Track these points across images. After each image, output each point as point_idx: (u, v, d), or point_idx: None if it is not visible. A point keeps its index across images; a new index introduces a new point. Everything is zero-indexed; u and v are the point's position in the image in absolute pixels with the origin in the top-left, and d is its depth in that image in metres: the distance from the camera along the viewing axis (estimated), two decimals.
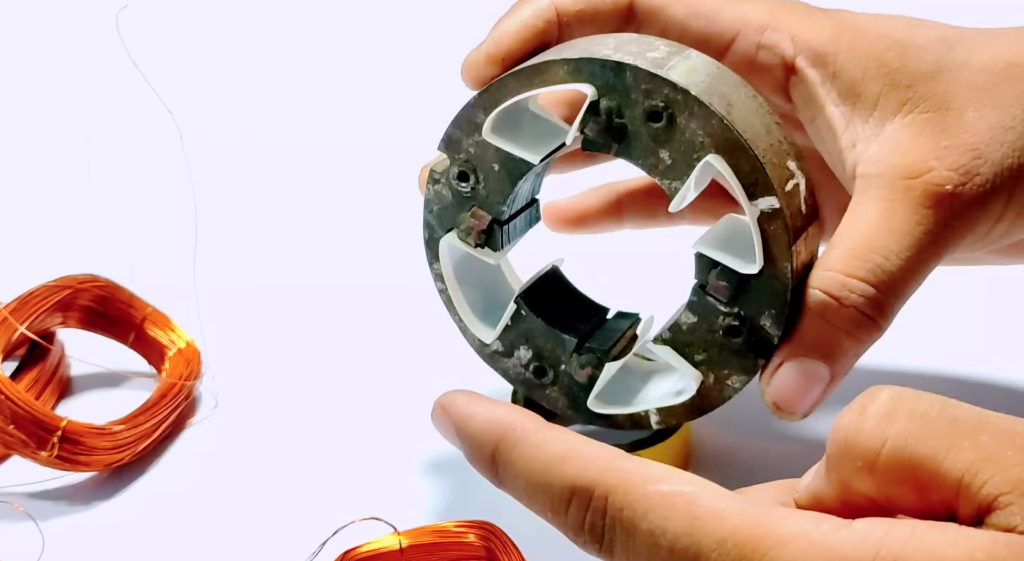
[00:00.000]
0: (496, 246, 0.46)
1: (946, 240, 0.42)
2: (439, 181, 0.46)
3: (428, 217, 0.47)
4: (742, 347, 0.43)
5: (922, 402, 0.31)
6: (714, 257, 0.42)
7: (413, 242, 0.51)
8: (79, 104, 0.84)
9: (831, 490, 0.32)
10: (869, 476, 0.31)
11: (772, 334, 0.43)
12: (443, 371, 0.51)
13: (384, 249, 0.66)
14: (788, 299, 0.42)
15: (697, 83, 0.41)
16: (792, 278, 0.41)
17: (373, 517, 0.45)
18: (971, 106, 0.43)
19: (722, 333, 0.43)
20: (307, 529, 0.47)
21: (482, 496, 0.49)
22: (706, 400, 0.45)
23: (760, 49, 0.45)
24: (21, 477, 0.51)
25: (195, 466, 0.52)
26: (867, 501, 0.32)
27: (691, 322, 0.44)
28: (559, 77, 0.42)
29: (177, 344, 0.56)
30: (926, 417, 0.31)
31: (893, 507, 0.31)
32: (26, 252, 0.67)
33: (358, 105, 0.82)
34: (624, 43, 0.43)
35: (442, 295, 0.47)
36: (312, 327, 0.61)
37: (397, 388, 0.56)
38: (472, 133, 0.44)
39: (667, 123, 0.41)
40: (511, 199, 0.45)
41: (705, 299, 0.43)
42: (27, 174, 0.73)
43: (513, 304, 0.46)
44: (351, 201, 0.72)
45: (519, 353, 0.47)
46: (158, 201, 0.71)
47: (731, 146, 0.40)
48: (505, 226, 0.46)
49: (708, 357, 0.44)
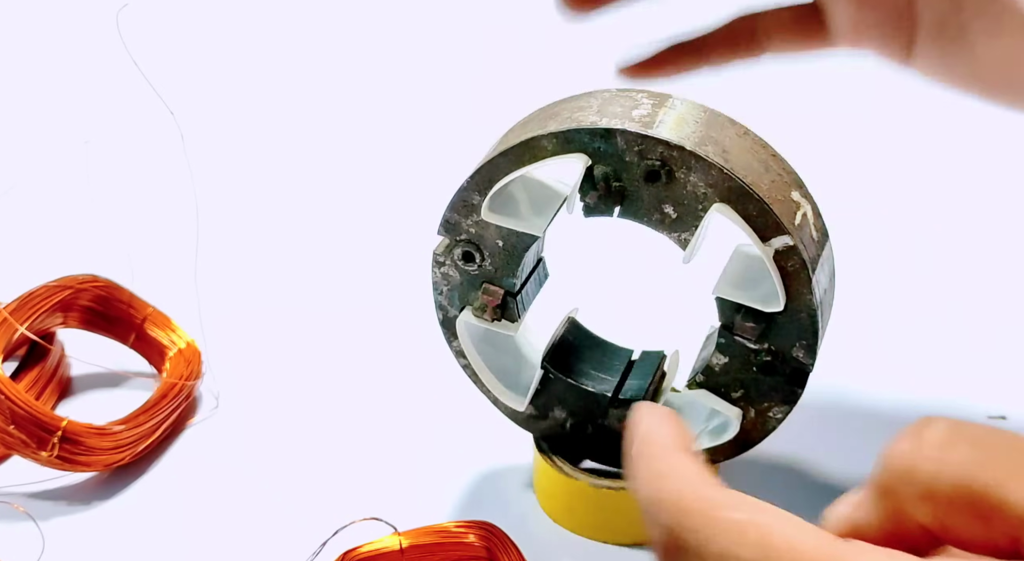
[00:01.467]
0: (513, 317, 0.45)
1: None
2: (444, 263, 0.45)
3: (439, 299, 0.46)
4: (779, 381, 0.43)
5: (981, 430, 0.31)
6: (736, 300, 0.42)
7: (413, 242, 0.51)
8: (79, 104, 0.84)
9: (879, 519, 0.31)
10: (929, 504, 0.30)
11: (806, 363, 0.43)
12: (443, 371, 0.51)
13: (384, 250, 0.66)
14: (819, 328, 0.42)
15: (689, 135, 0.41)
16: (817, 307, 0.41)
17: (373, 517, 0.45)
18: None
19: (756, 369, 0.43)
20: (307, 529, 0.47)
21: (482, 496, 0.50)
22: (750, 435, 0.45)
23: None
24: (21, 477, 0.51)
25: (195, 466, 0.52)
26: (921, 531, 0.30)
27: (723, 363, 0.44)
28: (549, 151, 0.42)
29: (177, 344, 0.56)
30: (989, 445, 0.29)
31: (951, 538, 0.30)
32: (26, 252, 0.67)
33: (359, 105, 0.82)
34: (606, 104, 0.42)
35: (466, 370, 0.47)
36: (312, 327, 0.61)
37: (397, 388, 0.56)
38: (470, 214, 0.44)
39: (667, 180, 0.41)
40: (520, 270, 0.45)
41: (733, 339, 0.43)
42: (27, 174, 0.73)
43: (540, 370, 0.46)
44: (352, 201, 0.72)
45: (554, 414, 0.47)
46: (159, 201, 0.71)
47: (735, 193, 0.40)
48: (518, 295, 0.45)
49: (746, 393, 0.44)
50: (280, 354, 0.59)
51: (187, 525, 0.49)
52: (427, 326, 0.49)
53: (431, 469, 0.51)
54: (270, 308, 0.62)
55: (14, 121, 0.82)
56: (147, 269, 0.59)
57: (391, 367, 0.57)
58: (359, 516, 0.45)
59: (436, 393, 0.55)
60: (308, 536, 0.45)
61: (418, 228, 0.52)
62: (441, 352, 0.48)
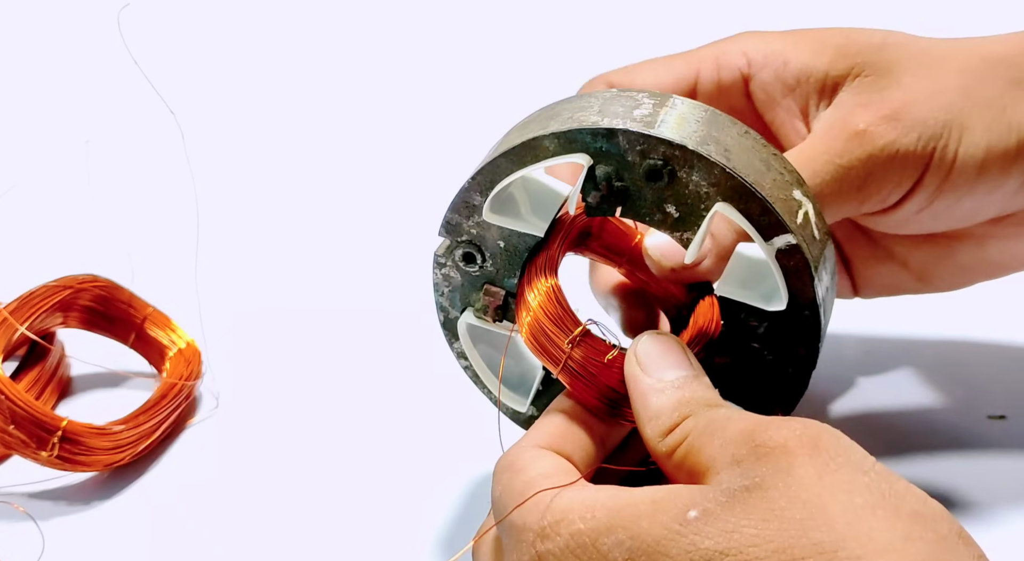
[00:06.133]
0: (514, 318, 0.45)
1: (867, 178, 0.45)
2: (445, 264, 0.45)
3: (440, 300, 0.46)
4: (782, 380, 0.43)
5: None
6: (739, 299, 0.42)
7: (414, 243, 0.51)
8: (80, 104, 0.83)
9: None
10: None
11: (809, 362, 0.43)
12: (443, 371, 0.51)
13: (385, 250, 0.66)
14: (821, 326, 0.42)
15: (691, 135, 0.41)
16: (820, 305, 0.41)
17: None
18: (909, 72, 0.46)
19: (759, 369, 0.43)
20: (307, 529, 0.47)
21: (483, 497, 0.49)
22: None
23: (720, 71, 0.49)
24: (21, 477, 0.51)
25: (195, 466, 0.52)
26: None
27: (725, 362, 0.44)
28: (551, 152, 0.41)
29: (178, 344, 0.56)
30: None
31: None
32: (26, 252, 0.67)
33: (360, 106, 0.82)
34: (607, 103, 0.42)
35: (467, 371, 0.47)
36: (312, 327, 0.61)
37: (398, 389, 0.56)
38: (471, 215, 0.44)
39: (669, 180, 0.41)
40: (521, 270, 0.44)
41: (736, 339, 0.43)
42: (28, 174, 0.73)
43: (541, 371, 0.46)
44: (352, 202, 0.72)
45: None
46: (159, 201, 0.71)
47: (738, 192, 0.40)
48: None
49: (748, 393, 0.44)
50: (280, 354, 0.59)
51: (187, 525, 0.49)
52: (428, 327, 0.49)
53: (432, 470, 0.51)
54: (270, 308, 0.62)
55: (14, 121, 0.82)
56: (147, 269, 0.59)
57: (392, 368, 0.57)
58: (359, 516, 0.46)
59: (436, 392, 0.55)
60: (308, 536, 0.45)
61: (419, 229, 0.52)
62: (442, 353, 0.48)
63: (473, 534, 0.41)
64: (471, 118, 0.74)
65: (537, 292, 0.43)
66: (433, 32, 0.92)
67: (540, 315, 0.42)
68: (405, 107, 0.82)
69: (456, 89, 0.84)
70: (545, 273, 0.43)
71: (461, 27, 0.93)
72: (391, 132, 0.79)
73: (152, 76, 0.54)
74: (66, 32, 0.92)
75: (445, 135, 0.77)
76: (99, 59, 0.80)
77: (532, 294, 0.43)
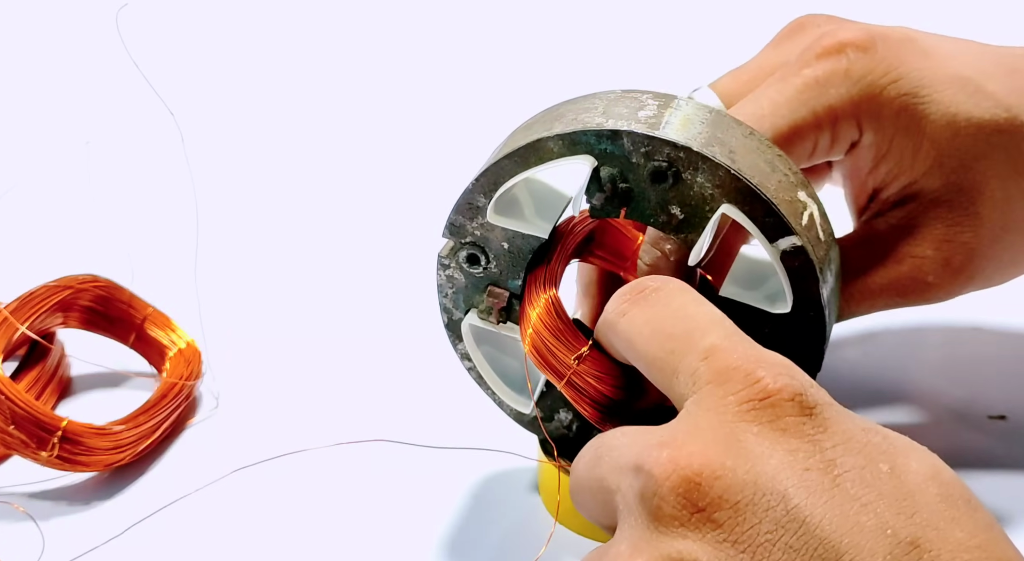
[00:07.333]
0: (518, 320, 0.45)
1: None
2: (449, 266, 0.45)
3: (444, 301, 0.46)
4: None
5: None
6: (744, 301, 0.42)
7: (418, 245, 0.51)
8: (79, 104, 0.83)
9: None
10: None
11: (813, 364, 0.42)
12: (443, 371, 0.51)
13: (388, 252, 0.66)
14: (826, 327, 0.42)
15: (696, 136, 0.41)
16: (824, 306, 0.41)
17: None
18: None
19: None
20: (307, 529, 0.47)
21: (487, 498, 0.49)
22: None
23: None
24: (21, 477, 0.51)
25: (195, 466, 0.52)
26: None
27: None
28: (555, 153, 0.41)
29: (178, 344, 0.56)
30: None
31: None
32: (26, 252, 0.67)
33: (362, 107, 0.82)
34: (612, 105, 0.42)
35: (471, 373, 0.47)
36: (312, 327, 0.61)
37: (400, 390, 0.56)
38: (475, 217, 0.44)
39: (673, 181, 0.41)
40: (525, 272, 0.45)
41: None
42: (28, 175, 0.73)
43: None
44: (354, 203, 0.72)
45: (559, 416, 0.47)
46: (159, 201, 0.71)
47: (742, 194, 0.40)
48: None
49: None
50: (280, 354, 0.59)
51: (187, 525, 0.49)
52: (431, 329, 0.49)
53: (434, 472, 0.51)
54: (270, 308, 0.62)
55: (14, 121, 0.82)
56: (147, 269, 0.59)
57: (394, 369, 0.57)
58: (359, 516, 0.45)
59: (436, 392, 0.55)
60: (308, 536, 0.45)
61: (422, 230, 0.52)
62: (446, 355, 0.48)
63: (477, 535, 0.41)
64: (475, 120, 0.74)
65: (537, 306, 0.43)
66: (436, 33, 0.92)
67: (541, 329, 0.42)
68: (408, 108, 0.82)
69: (460, 90, 0.84)
70: (545, 286, 0.43)
71: (464, 28, 0.93)
72: (394, 133, 0.79)
73: (151, 77, 0.54)
74: (65, 33, 0.92)
75: (449, 136, 0.77)
76: (98, 60, 0.80)
77: (533, 308, 0.43)
